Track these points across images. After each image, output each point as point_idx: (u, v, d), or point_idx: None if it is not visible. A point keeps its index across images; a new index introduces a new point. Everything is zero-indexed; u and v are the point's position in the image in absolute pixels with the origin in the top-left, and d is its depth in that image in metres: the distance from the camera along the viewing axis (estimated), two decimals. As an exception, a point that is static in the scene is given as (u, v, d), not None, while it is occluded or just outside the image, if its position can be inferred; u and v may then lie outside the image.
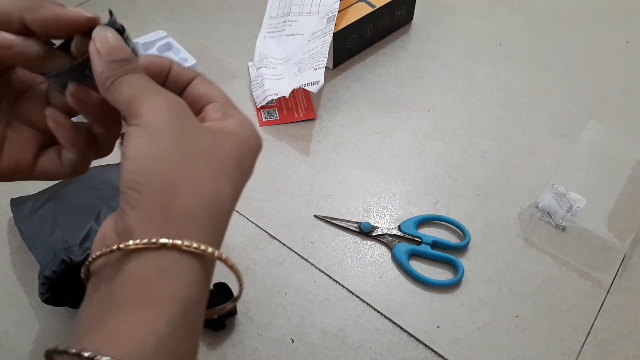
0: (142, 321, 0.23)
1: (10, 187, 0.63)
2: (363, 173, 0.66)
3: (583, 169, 0.63)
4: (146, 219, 0.25)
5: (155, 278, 0.24)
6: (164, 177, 0.25)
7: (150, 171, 0.25)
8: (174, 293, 0.24)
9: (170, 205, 0.25)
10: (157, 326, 0.23)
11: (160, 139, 0.26)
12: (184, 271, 0.25)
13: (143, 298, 0.24)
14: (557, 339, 0.52)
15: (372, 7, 0.76)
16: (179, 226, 0.25)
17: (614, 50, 0.80)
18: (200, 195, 0.26)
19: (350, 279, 0.56)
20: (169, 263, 0.25)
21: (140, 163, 0.25)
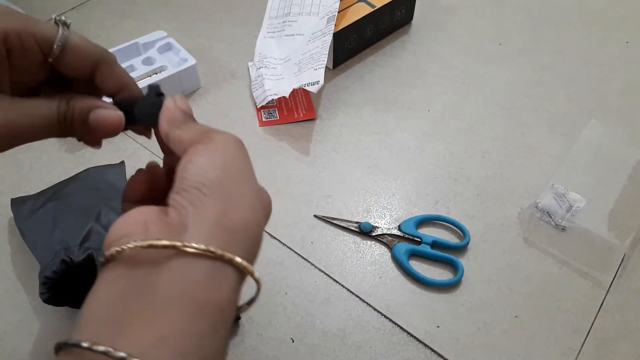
0: (185, 325, 0.23)
1: (10, 187, 0.63)
2: (363, 173, 0.66)
3: (583, 169, 0.63)
4: (204, 221, 0.26)
5: (204, 283, 0.25)
6: (227, 189, 0.28)
7: (218, 180, 0.27)
8: (218, 300, 0.25)
9: (226, 215, 0.27)
10: (201, 332, 0.24)
11: (229, 158, 0.29)
12: (230, 284, 0.26)
13: (190, 301, 0.24)
14: (557, 338, 0.52)
15: (372, 7, 0.76)
16: (228, 237, 0.27)
17: (614, 50, 0.80)
18: (247, 217, 0.28)
19: (350, 279, 0.56)
20: (221, 273, 0.25)
21: (209, 169, 0.28)
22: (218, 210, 0.27)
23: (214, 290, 0.25)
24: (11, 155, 0.67)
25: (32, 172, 0.65)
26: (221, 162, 0.28)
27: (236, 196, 0.28)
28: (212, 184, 0.27)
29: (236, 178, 0.29)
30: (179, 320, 0.23)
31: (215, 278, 0.25)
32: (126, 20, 0.86)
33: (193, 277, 0.25)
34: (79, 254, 0.48)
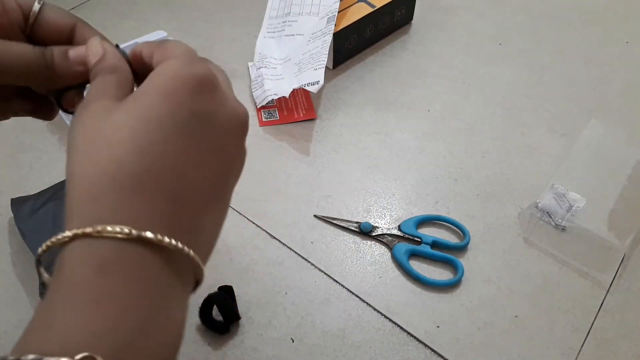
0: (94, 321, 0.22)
1: (10, 187, 0.63)
2: (363, 173, 0.66)
3: (583, 169, 0.63)
4: (70, 183, 0.25)
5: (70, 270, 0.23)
6: (84, 136, 0.25)
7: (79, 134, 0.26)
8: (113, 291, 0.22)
9: (69, 178, 0.25)
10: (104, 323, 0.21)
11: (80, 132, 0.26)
12: (124, 259, 0.23)
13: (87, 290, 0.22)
14: (557, 338, 0.52)
15: (372, 7, 0.76)
16: (78, 198, 0.24)
17: (614, 50, 0.80)
18: (92, 163, 0.24)
19: (350, 279, 0.56)
20: (85, 250, 0.23)
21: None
22: (67, 176, 0.25)
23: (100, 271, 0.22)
24: (11, 155, 0.67)
25: (32, 172, 0.65)
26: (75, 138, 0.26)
27: (76, 149, 0.25)
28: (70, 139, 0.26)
29: (79, 140, 0.25)
30: (82, 315, 0.21)
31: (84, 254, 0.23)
32: (126, 20, 0.86)
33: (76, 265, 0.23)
34: (79, 254, 0.48)
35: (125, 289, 0.22)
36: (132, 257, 0.23)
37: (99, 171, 0.24)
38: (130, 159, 0.24)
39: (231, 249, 0.58)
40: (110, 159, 0.24)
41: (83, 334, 0.21)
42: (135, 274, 0.23)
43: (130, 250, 0.23)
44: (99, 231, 0.22)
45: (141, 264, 0.23)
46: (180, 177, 0.25)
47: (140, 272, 0.23)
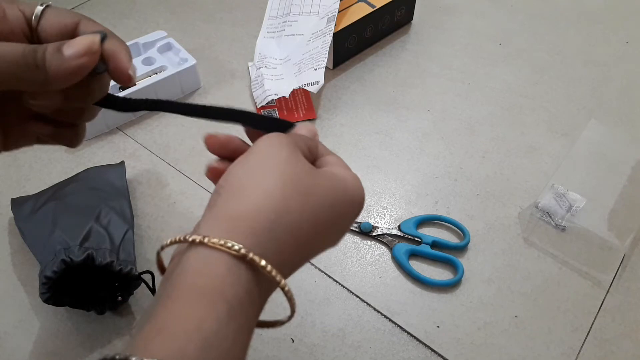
0: (189, 315, 0.24)
1: (10, 187, 0.63)
2: (363, 173, 0.66)
3: (583, 169, 0.63)
4: (212, 216, 0.27)
5: (203, 271, 0.25)
6: (238, 181, 0.28)
7: (233, 178, 0.28)
8: (221, 289, 0.25)
9: (235, 205, 0.27)
10: (204, 322, 0.24)
11: (255, 156, 0.30)
12: (232, 271, 0.26)
13: (191, 291, 0.25)
14: (557, 338, 0.52)
15: (372, 7, 0.76)
16: (233, 226, 0.26)
17: (614, 50, 0.80)
18: (262, 200, 0.27)
19: (350, 279, 0.56)
20: (214, 261, 0.26)
21: (231, 173, 0.29)
22: (224, 204, 0.27)
23: (216, 281, 0.25)
24: (11, 155, 0.67)
25: (32, 172, 0.65)
26: (244, 163, 0.29)
27: (250, 186, 0.28)
28: (227, 184, 0.28)
29: (255, 170, 0.29)
30: (185, 315, 0.24)
31: (214, 269, 0.25)
32: (126, 20, 0.86)
33: (193, 269, 0.26)
34: (79, 253, 0.48)
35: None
36: (241, 270, 0.26)
37: (277, 210, 0.28)
38: (298, 218, 0.29)
39: (231, 249, 0.58)
40: (290, 209, 0.28)
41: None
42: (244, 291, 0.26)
43: (238, 265, 0.26)
44: (216, 243, 0.26)
45: (254, 279, 0.27)
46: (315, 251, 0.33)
47: (250, 284, 0.27)
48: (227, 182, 0.29)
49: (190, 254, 0.26)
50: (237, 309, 0.25)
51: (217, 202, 0.28)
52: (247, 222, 0.27)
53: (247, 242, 0.26)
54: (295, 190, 0.29)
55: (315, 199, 0.29)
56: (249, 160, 0.29)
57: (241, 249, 0.26)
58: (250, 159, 0.29)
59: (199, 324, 0.24)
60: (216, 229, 0.26)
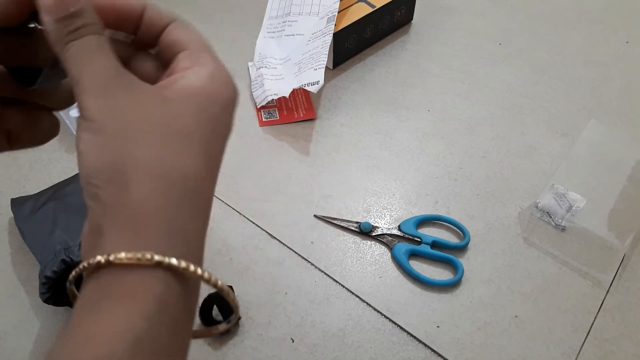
0: (115, 318, 0.22)
1: (10, 187, 0.63)
2: (363, 173, 0.66)
3: (583, 169, 0.63)
4: (109, 214, 0.23)
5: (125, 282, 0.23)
6: (111, 166, 0.23)
7: (101, 163, 0.23)
8: (148, 288, 0.23)
9: (125, 197, 0.23)
10: (133, 321, 0.22)
11: (102, 124, 0.23)
12: (150, 277, 0.23)
13: (115, 295, 0.22)
14: (557, 338, 0.52)
15: (372, 7, 0.76)
16: (142, 220, 0.23)
17: (614, 50, 0.80)
18: (157, 180, 0.23)
19: (350, 279, 0.56)
20: (129, 278, 0.23)
21: (89, 157, 0.23)
22: (113, 197, 0.23)
23: (140, 285, 0.22)
24: (11, 155, 0.67)
25: (32, 172, 0.65)
26: (99, 136, 0.23)
27: (130, 164, 0.23)
28: (97, 171, 0.23)
29: (120, 142, 0.23)
30: (110, 319, 0.22)
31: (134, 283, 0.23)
32: (126, 20, 0.86)
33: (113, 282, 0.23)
34: (79, 253, 0.48)
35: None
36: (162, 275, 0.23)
37: (174, 180, 0.24)
38: (199, 174, 0.25)
39: (231, 249, 0.58)
40: (183, 168, 0.24)
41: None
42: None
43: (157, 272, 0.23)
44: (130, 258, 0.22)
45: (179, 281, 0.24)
46: (209, 200, 0.26)
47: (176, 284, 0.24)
48: (94, 168, 0.23)
49: (102, 278, 0.23)
50: (169, 305, 0.23)
51: (101, 195, 0.23)
52: (152, 215, 0.23)
53: (157, 240, 0.23)
54: (180, 143, 0.24)
55: (196, 136, 0.25)
56: (98, 127, 0.23)
57: (154, 257, 0.22)
58: (98, 123, 0.23)
59: (128, 325, 0.21)
60: (120, 236, 0.23)
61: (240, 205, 0.62)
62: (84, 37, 0.24)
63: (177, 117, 0.25)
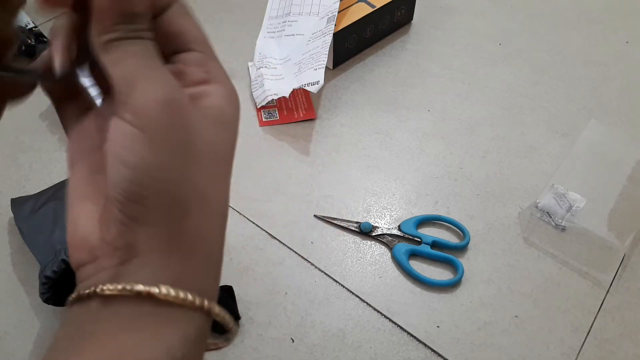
0: (155, 337, 0.21)
1: (10, 187, 0.63)
2: (363, 173, 0.66)
3: (583, 169, 0.63)
4: (158, 238, 0.22)
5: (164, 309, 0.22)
6: (170, 194, 0.22)
7: (155, 185, 0.21)
8: (187, 318, 0.22)
9: (179, 225, 0.22)
10: (172, 343, 0.21)
11: (161, 145, 0.21)
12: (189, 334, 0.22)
13: (154, 318, 0.21)
14: (557, 338, 0.52)
15: (372, 7, 0.76)
16: (191, 250, 0.22)
17: (614, 50, 0.80)
18: (210, 211, 0.23)
19: (350, 279, 0.56)
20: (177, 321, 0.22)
21: (142, 173, 0.21)
22: (166, 223, 0.22)
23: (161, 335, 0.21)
24: (11, 155, 0.67)
25: (32, 172, 0.65)
26: (157, 156, 0.21)
27: (189, 196, 0.22)
28: (152, 194, 0.21)
29: (180, 169, 0.22)
30: (146, 331, 0.21)
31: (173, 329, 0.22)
32: (126, 20, 0.86)
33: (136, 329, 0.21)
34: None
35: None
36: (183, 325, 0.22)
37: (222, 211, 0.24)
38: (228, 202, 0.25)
39: (231, 249, 0.58)
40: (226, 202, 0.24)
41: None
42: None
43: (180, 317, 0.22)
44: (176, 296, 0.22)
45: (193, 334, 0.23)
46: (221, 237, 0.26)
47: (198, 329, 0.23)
48: (147, 188, 0.21)
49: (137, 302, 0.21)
50: (202, 332, 0.23)
51: (151, 218, 0.21)
52: (202, 249, 0.23)
53: (201, 276, 0.23)
54: (223, 172, 0.24)
55: (229, 162, 0.24)
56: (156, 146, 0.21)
57: (196, 299, 0.22)
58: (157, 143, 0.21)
59: (168, 349, 0.21)
60: (165, 264, 0.22)
61: (240, 205, 0.62)
62: (140, 41, 0.22)
63: (218, 144, 0.24)
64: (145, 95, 0.21)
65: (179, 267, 0.22)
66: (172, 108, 0.22)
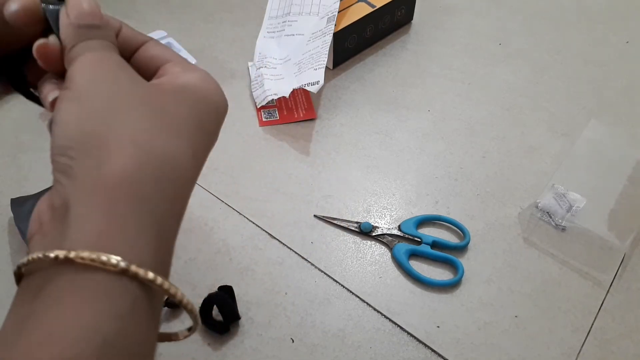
0: (82, 316, 0.20)
1: (10, 187, 0.63)
2: (363, 173, 0.66)
3: (583, 169, 0.63)
4: (81, 188, 0.22)
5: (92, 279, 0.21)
6: (94, 136, 0.22)
7: (80, 132, 0.22)
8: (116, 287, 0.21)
9: (103, 170, 0.22)
10: (101, 321, 0.20)
11: (89, 97, 0.23)
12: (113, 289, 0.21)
13: (81, 292, 0.21)
14: (557, 338, 0.52)
15: (372, 7, 0.76)
16: (117, 194, 0.21)
17: (614, 50, 0.80)
18: (141, 154, 0.22)
19: (350, 279, 0.56)
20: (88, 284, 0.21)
21: (69, 127, 0.22)
22: (91, 168, 0.22)
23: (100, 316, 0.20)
24: (11, 155, 0.67)
25: (32, 172, 0.65)
26: (84, 107, 0.23)
27: (115, 136, 0.22)
28: (77, 142, 0.22)
29: (107, 114, 0.22)
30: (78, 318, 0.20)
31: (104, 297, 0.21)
32: (126, 20, 0.85)
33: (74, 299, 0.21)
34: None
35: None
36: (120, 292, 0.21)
37: (157, 157, 0.23)
38: (184, 160, 0.24)
39: (231, 249, 0.58)
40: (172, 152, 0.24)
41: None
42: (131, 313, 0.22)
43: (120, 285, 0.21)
44: (94, 259, 0.20)
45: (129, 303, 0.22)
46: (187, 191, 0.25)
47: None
48: (73, 139, 0.22)
49: (65, 272, 0.21)
50: (135, 305, 0.21)
51: (75, 167, 0.22)
52: (128, 189, 0.22)
53: (128, 223, 0.21)
54: (170, 126, 0.24)
55: (185, 125, 0.24)
56: (84, 99, 0.23)
57: (119, 263, 0.21)
58: (84, 95, 0.23)
59: (96, 324, 0.20)
60: (91, 213, 0.21)
61: (240, 205, 0.62)
62: (98, 39, 0.25)
63: (169, 104, 0.24)
64: (77, 60, 0.24)
65: (103, 215, 0.21)
66: (99, 64, 0.24)
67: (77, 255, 0.20)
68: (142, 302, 0.22)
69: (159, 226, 0.23)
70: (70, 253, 0.20)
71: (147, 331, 0.22)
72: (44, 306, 0.21)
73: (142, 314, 0.22)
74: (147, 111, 0.24)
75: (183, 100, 0.25)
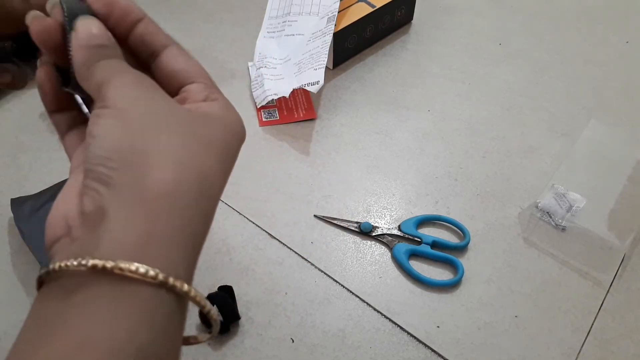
0: (117, 325, 0.20)
1: (10, 187, 0.63)
2: (363, 173, 0.66)
3: (583, 169, 0.63)
4: (120, 197, 0.22)
5: (125, 288, 0.21)
6: (136, 150, 0.23)
7: (121, 146, 0.23)
8: (151, 297, 0.21)
9: (147, 179, 0.22)
10: (136, 331, 0.20)
11: (130, 115, 0.24)
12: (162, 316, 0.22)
13: (114, 299, 0.21)
14: (557, 338, 0.52)
15: (372, 7, 0.76)
16: (158, 207, 0.22)
17: (613, 50, 0.80)
18: (181, 169, 0.23)
19: (350, 279, 0.56)
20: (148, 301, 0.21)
21: (109, 140, 0.23)
22: (131, 179, 0.22)
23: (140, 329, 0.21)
24: (11, 155, 0.67)
25: (32, 172, 0.65)
26: (125, 124, 0.23)
27: (156, 151, 0.23)
28: (117, 155, 0.23)
29: (148, 132, 0.23)
30: (111, 315, 0.20)
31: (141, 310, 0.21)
32: (126, 20, 0.86)
33: (107, 309, 0.21)
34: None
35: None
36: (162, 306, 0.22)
37: (196, 174, 0.24)
38: (216, 181, 0.25)
39: (231, 249, 0.58)
40: (206, 171, 0.25)
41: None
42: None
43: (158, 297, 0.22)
44: (133, 271, 0.21)
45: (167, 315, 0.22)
46: (215, 207, 0.26)
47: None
48: (113, 151, 0.23)
49: (89, 286, 0.21)
50: (165, 314, 0.22)
51: (115, 177, 0.22)
52: (168, 203, 0.22)
53: (167, 233, 0.22)
54: (205, 148, 0.25)
55: (217, 148, 0.25)
56: (124, 117, 0.24)
57: (158, 274, 0.21)
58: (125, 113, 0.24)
59: (131, 333, 0.20)
60: (130, 220, 0.22)
61: (240, 205, 0.62)
62: (113, 58, 0.26)
63: (199, 127, 0.26)
64: (113, 82, 0.25)
65: (144, 225, 0.22)
66: (137, 86, 0.25)
67: (116, 266, 0.21)
68: (175, 314, 0.22)
69: (193, 240, 0.23)
70: (108, 263, 0.21)
71: (177, 340, 0.23)
72: (75, 312, 0.21)
73: (175, 324, 0.22)
74: (183, 131, 0.25)
75: (210, 124, 0.26)
